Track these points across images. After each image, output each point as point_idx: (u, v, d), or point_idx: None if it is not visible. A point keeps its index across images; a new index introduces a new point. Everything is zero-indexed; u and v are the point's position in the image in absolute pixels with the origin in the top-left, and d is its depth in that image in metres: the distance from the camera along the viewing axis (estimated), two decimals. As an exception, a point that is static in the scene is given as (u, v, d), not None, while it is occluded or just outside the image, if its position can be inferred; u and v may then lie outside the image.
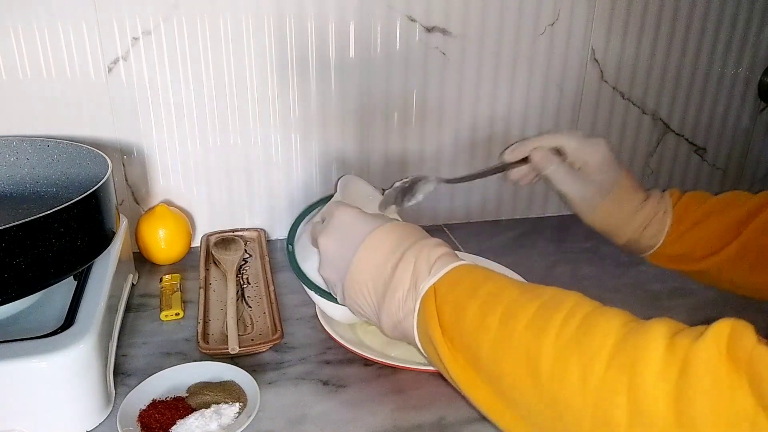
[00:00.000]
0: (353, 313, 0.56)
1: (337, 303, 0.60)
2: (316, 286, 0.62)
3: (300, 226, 0.69)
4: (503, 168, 0.69)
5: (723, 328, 0.35)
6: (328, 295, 0.62)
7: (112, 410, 0.57)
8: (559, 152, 0.66)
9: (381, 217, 0.55)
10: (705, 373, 0.33)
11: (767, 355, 0.32)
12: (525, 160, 0.67)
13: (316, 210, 0.70)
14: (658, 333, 0.36)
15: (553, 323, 0.40)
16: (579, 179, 0.65)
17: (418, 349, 0.51)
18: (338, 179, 0.69)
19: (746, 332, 0.34)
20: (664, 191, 0.67)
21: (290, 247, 0.67)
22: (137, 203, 0.85)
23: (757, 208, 0.62)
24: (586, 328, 0.39)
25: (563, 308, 0.41)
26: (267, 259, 0.81)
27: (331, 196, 0.70)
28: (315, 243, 0.58)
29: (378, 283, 0.51)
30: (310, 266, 0.62)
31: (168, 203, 0.84)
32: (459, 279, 0.47)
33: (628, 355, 0.36)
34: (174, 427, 0.54)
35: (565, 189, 0.65)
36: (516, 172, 0.69)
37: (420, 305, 0.48)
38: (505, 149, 0.69)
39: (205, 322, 0.69)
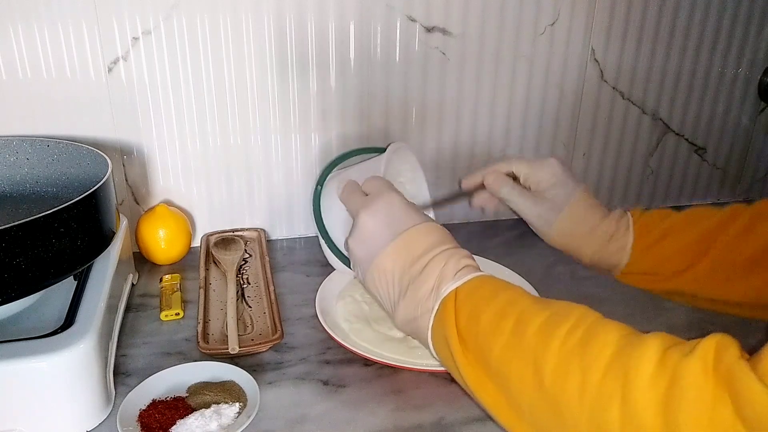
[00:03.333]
0: (367, 291, 0.57)
1: (340, 260, 0.66)
2: (328, 236, 0.66)
3: (334, 170, 0.71)
4: (464, 194, 0.73)
5: (710, 343, 0.37)
6: (335, 248, 0.66)
7: (112, 410, 0.57)
8: (514, 177, 0.69)
9: (422, 214, 0.56)
10: (691, 385, 0.36)
11: (744, 370, 0.34)
12: (483, 186, 0.71)
13: (356, 159, 0.74)
14: (652, 346, 0.39)
15: (559, 331, 0.43)
16: (532, 198, 0.67)
17: (428, 348, 0.53)
18: (389, 144, 0.71)
19: (730, 348, 0.37)
20: (625, 210, 0.68)
21: (319, 187, 0.69)
22: (137, 203, 0.85)
23: (724, 221, 0.62)
24: (589, 337, 0.41)
25: (570, 318, 0.43)
26: (267, 259, 0.81)
27: (375, 149, 0.75)
28: (351, 211, 0.59)
29: (404, 277, 0.52)
30: (328, 215, 0.67)
31: (168, 203, 0.84)
32: (479, 286, 0.50)
33: (623, 365, 0.39)
34: (174, 427, 0.54)
35: (519, 208, 0.68)
36: (478, 199, 0.73)
37: (439, 306, 0.50)
38: (461, 179, 0.73)
39: (205, 322, 0.69)
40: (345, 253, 0.65)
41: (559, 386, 0.41)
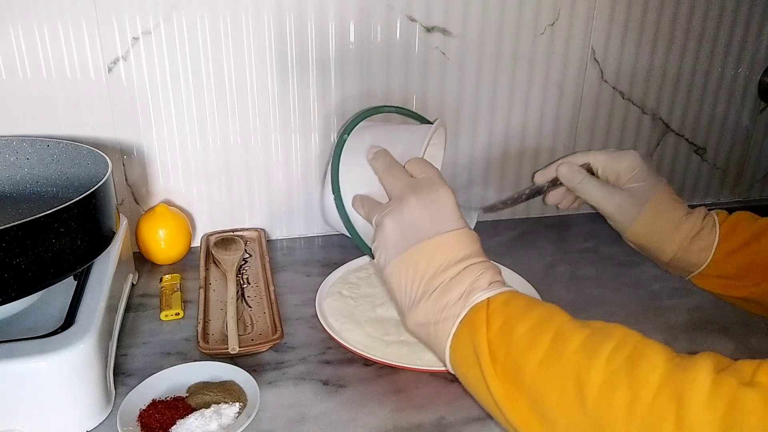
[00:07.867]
0: (380, 279, 0.55)
1: (343, 220, 0.62)
2: (340, 192, 0.63)
3: (362, 122, 0.68)
4: (538, 191, 0.69)
5: (765, 371, 0.37)
6: (342, 208, 0.63)
7: (112, 410, 0.57)
8: (590, 170, 0.65)
9: (464, 219, 0.55)
10: (753, 411, 0.35)
11: None
12: (557, 181, 0.67)
13: (381, 117, 0.72)
14: (704, 367, 0.38)
15: (603, 349, 0.41)
16: (611, 189, 0.63)
17: (442, 355, 0.51)
18: (436, 119, 0.68)
19: None
20: (709, 209, 0.64)
21: (345, 136, 0.65)
22: (137, 203, 0.85)
23: None
24: (636, 356, 0.41)
25: (613, 338, 0.42)
26: (267, 259, 0.81)
27: (405, 110, 0.75)
28: (393, 188, 0.56)
29: (435, 279, 0.50)
30: (344, 168, 0.64)
31: (168, 203, 0.84)
32: (513, 299, 0.48)
33: (676, 386, 0.38)
34: (174, 427, 0.54)
35: (597, 199, 0.64)
36: (553, 196, 0.69)
37: (467, 314, 0.48)
38: (534, 172, 0.69)
39: (205, 322, 0.69)
40: (352, 213, 0.63)
41: (605, 404, 0.40)
